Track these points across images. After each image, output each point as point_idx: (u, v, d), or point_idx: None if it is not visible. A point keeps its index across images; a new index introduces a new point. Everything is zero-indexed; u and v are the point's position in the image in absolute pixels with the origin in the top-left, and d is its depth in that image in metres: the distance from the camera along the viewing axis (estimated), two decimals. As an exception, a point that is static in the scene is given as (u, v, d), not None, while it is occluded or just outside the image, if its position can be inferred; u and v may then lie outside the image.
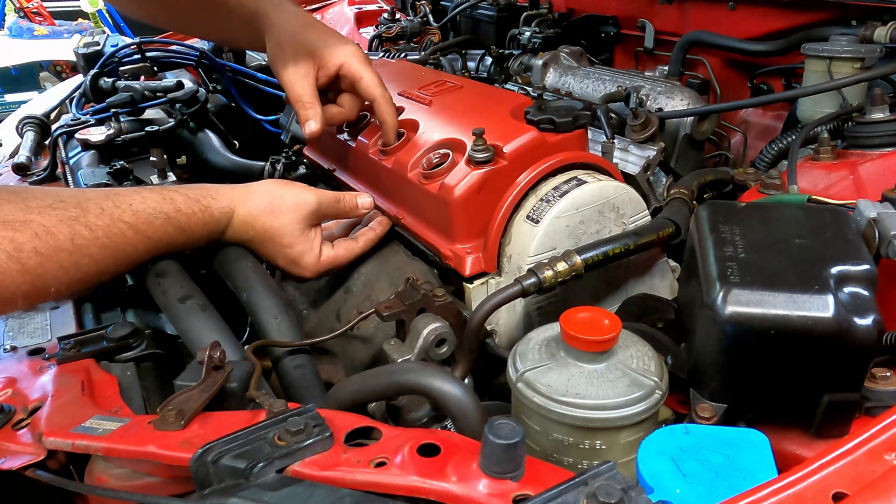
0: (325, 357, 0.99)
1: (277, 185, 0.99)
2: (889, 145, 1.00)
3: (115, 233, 0.81)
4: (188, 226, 0.89)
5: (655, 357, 0.73)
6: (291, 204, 0.96)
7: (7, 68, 5.61)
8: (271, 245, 0.96)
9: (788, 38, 1.29)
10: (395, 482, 0.58)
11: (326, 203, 0.99)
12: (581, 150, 1.00)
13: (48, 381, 0.82)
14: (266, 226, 0.94)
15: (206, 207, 0.91)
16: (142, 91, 1.54)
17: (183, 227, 0.88)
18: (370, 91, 1.08)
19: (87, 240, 0.78)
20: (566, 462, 0.70)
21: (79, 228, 0.77)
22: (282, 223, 0.95)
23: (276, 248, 0.96)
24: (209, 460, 0.61)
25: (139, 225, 0.84)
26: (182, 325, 0.92)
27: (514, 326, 0.96)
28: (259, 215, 0.94)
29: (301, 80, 1.08)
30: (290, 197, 0.96)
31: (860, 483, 0.52)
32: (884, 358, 0.75)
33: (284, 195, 0.96)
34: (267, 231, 0.95)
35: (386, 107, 1.08)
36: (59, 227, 0.76)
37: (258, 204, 0.95)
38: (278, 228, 0.95)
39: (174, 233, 0.87)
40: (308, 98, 1.08)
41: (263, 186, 0.98)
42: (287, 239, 0.95)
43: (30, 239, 0.73)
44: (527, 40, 1.66)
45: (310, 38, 1.10)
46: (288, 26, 1.11)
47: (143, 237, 0.84)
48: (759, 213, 0.80)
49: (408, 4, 2.19)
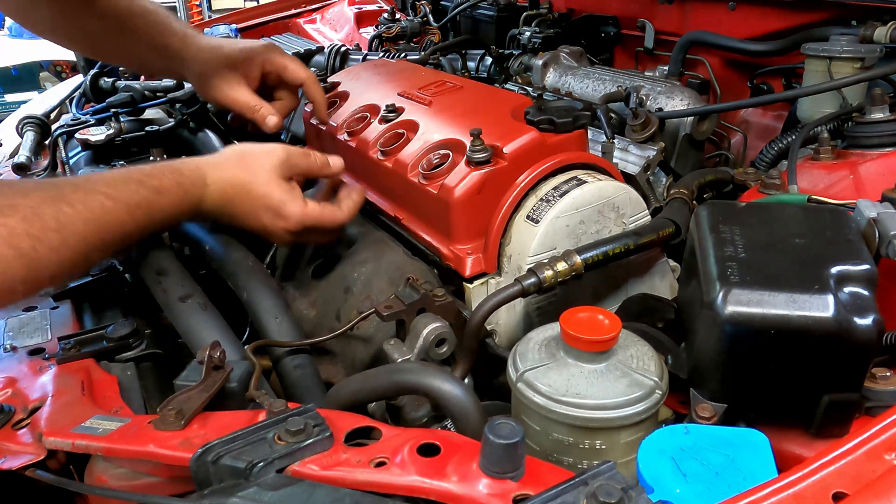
0: (325, 357, 0.99)
1: (244, 144, 1.01)
2: (889, 145, 1.00)
3: (95, 205, 0.80)
4: (162, 187, 0.88)
5: (655, 357, 0.73)
6: (261, 154, 0.96)
7: (7, 68, 5.60)
8: (250, 200, 0.94)
9: (788, 38, 1.29)
10: (395, 482, 0.58)
11: (296, 154, 0.99)
12: (581, 151, 1.00)
13: (48, 381, 0.82)
14: (241, 179, 0.94)
15: (174, 169, 0.91)
16: (142, 91, 1.54)
17: (157, 188, 0.87)
18: (297, 74, 1.16)
19: (70, 216, 0.77)
20: (566, 462, 0.70)
21: (61, 206, 0.77)
22: (255, 173, 0.94)
23: (256, 201, 0.94)
24: (209, 460, 0.61)
25: (114, 193, 0.83)
26: (182, 324, 0.92)
27: (514, 326, 0.96)
28: (232, 170, 0.94)
29: (237, 91, 1.15)
30: (259, 149, 0.98)
31: (860, 483, 0.52)
32: (884, 358, 0.75)
33: (253, 149, 0.98)
34: (244, 185, 0.94)
35: (314, 86, 1.16)
36: (43, 207, 0.75)
37: (228, 160, 0.96)
38: (252, 180, 0.94)
39: (151, 195, 0.86)
40: (254, 101, 1.15)
41: (230, 148, 1.01)
42: (264, 188, 0.94)
43: (20, 222, 0.73)
44: (527, 40, 1.66)
45: (224, 54, 1.16)
46: (201, 55, 1.17)
47: (121, 204, 0.83)
48: (759, 213, 0.80)
49: (408, 4, 2.19)
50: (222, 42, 1.21)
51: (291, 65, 1.16)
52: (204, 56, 1.16)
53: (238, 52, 1.17)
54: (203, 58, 1.16)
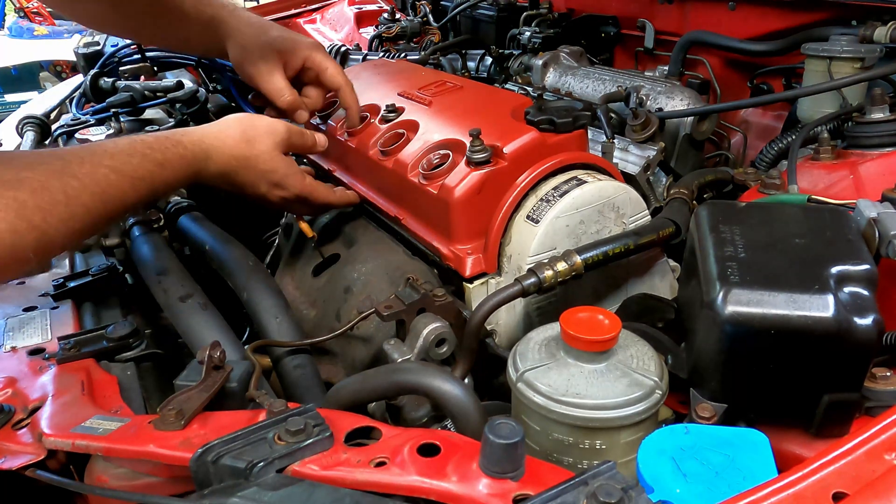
0: (325, 357, 0.99)
1: (245, 116, 1.03)
2: (889, 145, 1.00)
3: (100, 178, 0.82)
4: (166, 160, 0.90)
5: (655, 357, 0.73)
6: (264, 131, 1.00)
7: (7, 68, 5.60)
8: (252, 172, 0.99)
9: (788, 38, 1.29)
10: (396, 482, 0.58)
11: (294, 133, 1.05)
12: (581, 151, 1.00)
13: (48, 381, 0.82)
14: (245, 153, 0.98)
15: (177, 142, 0.93)
16: (142, 91, 1.54)
17: (161, 162, 0.89)
18: (336, 80, 1.17)
19: (76, 189, 0.79)
20: (566, 462, 0.70)
21: (67, 179, 0.79)
22: (259, 150, 0.99)
23: (258, 173, 1.00)
24: (209, 460, 0.61)
25: (119, 166, 0.85)
26: (183, 324, 0.92)
27: (514, 326, 0.96)
28: (234, 145, 0.98)
29: (273, 74, 1.15)
30: (262, 124, 1.01)
31: (860, 483, 0.52)
32: (884, 358, 0.75)
33: (256, 123, 1.01)
34: (248, 159, 0.98)
35: (351, 94, 1.17)
36: (50, 180, 0.77)
37: (231, 134, 0.98)
38: (257, 156, 0.99)
39: (154, 168, 0.88)
40: (286, 89, 1.15)
41: (232, 119, 1.02)
42: (268, 165, 0.99)
43: (30, 195, 0.74)
44: (527, 40, 1.66)
45: (272, 37, 1.17)
46: (249, 29, 1.18)
47: (126, 178, 0.85)
48: (759, 213, 0.80)
49: (408, 4, 2.19)
50: (271, 24, 1.22)
51: (332, 69, 1.17)
52: (252, 30, 1.17)
53: (285, 39, 1.18)
54: (251, 31, 1.17)
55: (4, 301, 1.03)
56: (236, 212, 1.33)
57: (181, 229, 1.19)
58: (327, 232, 1.14)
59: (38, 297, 1.04)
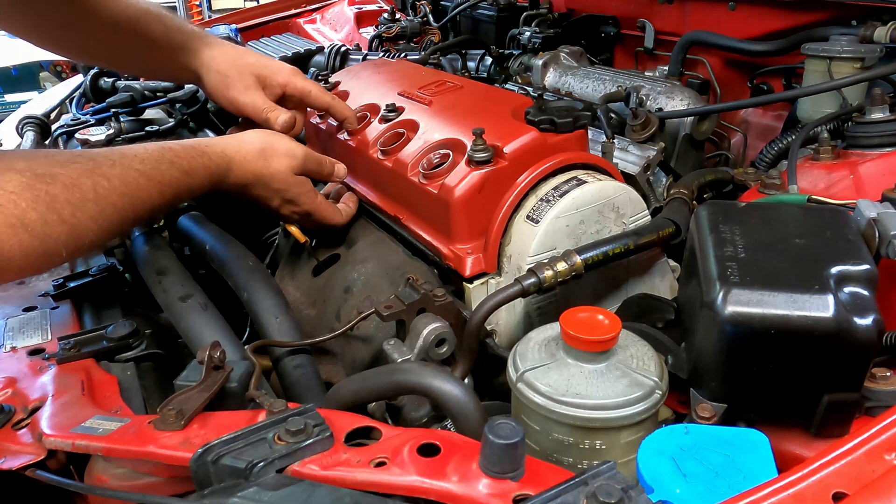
0: (325, 357, 0.99)
1: (265, 133, 1.07)
2: (889, 145, 1.00)
3: (130, 180, 0.86)
4: (191, 169, 0.94)
5: (655, 357, 0.73)
6: (282, 152, 1.03)
7: (7, 68, 5.60)
8: (268, 189, 1.03)
9: (788, 38, 1.29)
10: (396, 482, 0.58)
11: (311, 160, 1.07)
12: (581, 151, 1.00)
13: (48, 381, 0.82)
14: (262, 171, 1.02)
15: (202, 153, 0.96)
16: (142, 91, 1.54)
17: (187, 170, 0.93)
18: (322, 99, 1.17)
19: (107, 189, 0.82)
20: (566, 462, 0.70)
21: (98, 179, 0.82)
22: (276, 170, 1.02)
23: (272, 191, 1.04)
24: (209, 460, 0.61)
25: (149, 171, 0.88)
26: (183, 324, 0.92)
27: (514, 326, 0.96)
28: (253, 161, 1.01)
29: (254, 95, 1.15)
30: (281, 146, 1.04)
31: (860, 483, 0.52)
32: (884, 358, 0.75)
33: (275, 143, 1.04)
34: (263, 177, 1.02)
35: (341, 107, 1.18)
36: (82, 179, 0.80)
37: (251, 151, 1.01)
38: (273, 174, 1.02)
39: (180, 176, 0.92)
40: (269, 105, 1.15)
41: (253, 135, 1.05)
42: (282, 185, 1.03)
43: (61, 191, 0.77)
44: (527, 40, 1.66)
45: (249, 62, 1.17)
46: (224, 56, 1.17)
47: (154, 182, 0.89)
48: (759, 213, 0.80)
49: (408, 4, 2.19)
50: (247, 50, 1.23)
51: (315, 90, 1.17)
52: (228, 57, 1.17)
53: (264, 65, 1.17)
54: (226, 58, 1.17)
55: (4, 301, 1.04)
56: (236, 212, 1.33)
57: (181, 229, 1.19)
58: (327, 232, 1.14)
59: (38, 298, 1.05)
